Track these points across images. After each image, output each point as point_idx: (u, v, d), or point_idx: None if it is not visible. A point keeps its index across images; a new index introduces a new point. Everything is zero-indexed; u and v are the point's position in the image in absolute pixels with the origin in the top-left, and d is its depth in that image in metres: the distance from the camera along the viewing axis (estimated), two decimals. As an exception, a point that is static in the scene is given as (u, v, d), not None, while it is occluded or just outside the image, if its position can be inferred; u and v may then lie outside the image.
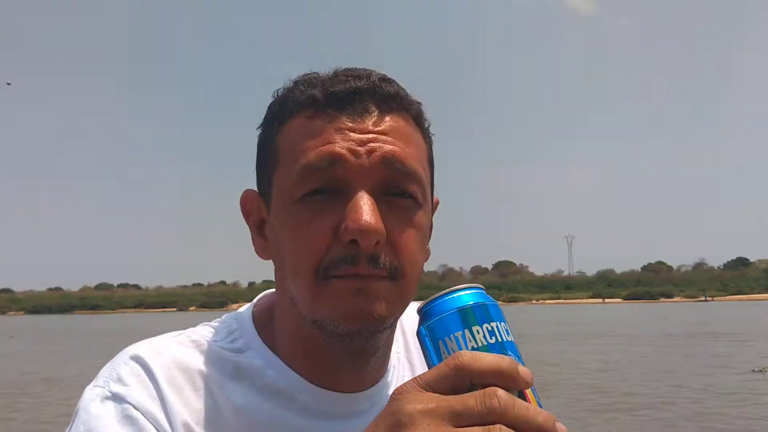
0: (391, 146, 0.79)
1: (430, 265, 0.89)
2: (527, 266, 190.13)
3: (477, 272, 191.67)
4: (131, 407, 0.77)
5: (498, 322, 0.63)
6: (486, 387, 0.56)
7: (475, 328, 0.62)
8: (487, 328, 0.62)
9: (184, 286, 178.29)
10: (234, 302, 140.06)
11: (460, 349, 0.61)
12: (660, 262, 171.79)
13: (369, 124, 0.80)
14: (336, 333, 0.79)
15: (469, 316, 0.62)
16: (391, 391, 0.87)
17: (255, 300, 0.96)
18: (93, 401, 0.77)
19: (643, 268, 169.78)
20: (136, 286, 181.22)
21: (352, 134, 0.79)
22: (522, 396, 0.58)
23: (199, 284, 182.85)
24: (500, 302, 0.75)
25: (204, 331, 0.89)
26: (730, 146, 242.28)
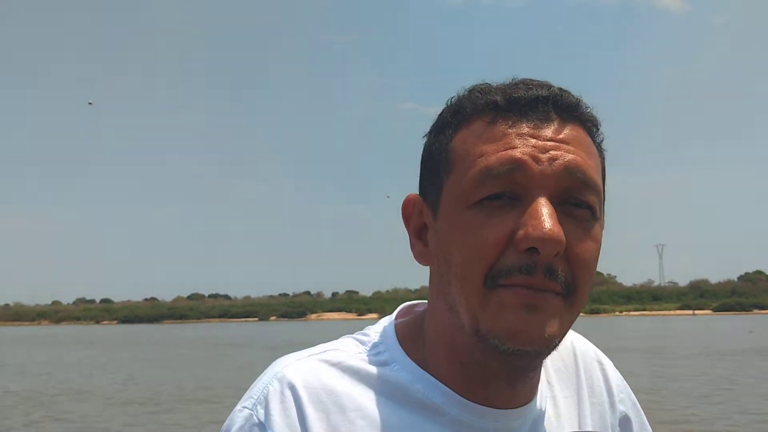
0: (573, 155, 0.77)
1: None
2: (615, 276, 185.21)
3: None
4: None
5: None
6: None
7: None
8: None
9: (270, 296, 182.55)
10: (313, 312, 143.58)
11: None
12: (759, 272, 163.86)
13: (550, 131, 0.78)
14: (499, 350, 0.75)
15: None
16: (537, 411, 0.87)
17: (395, 312, 0.94)
18: (241, 428, 0.79)
19: (740, 278, 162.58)
20: (226, 296, 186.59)
21: (533, 140, 0.77)
22: None
23: (285, 294, 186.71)
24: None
25: (348, 346, 0.87)
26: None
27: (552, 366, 0.94)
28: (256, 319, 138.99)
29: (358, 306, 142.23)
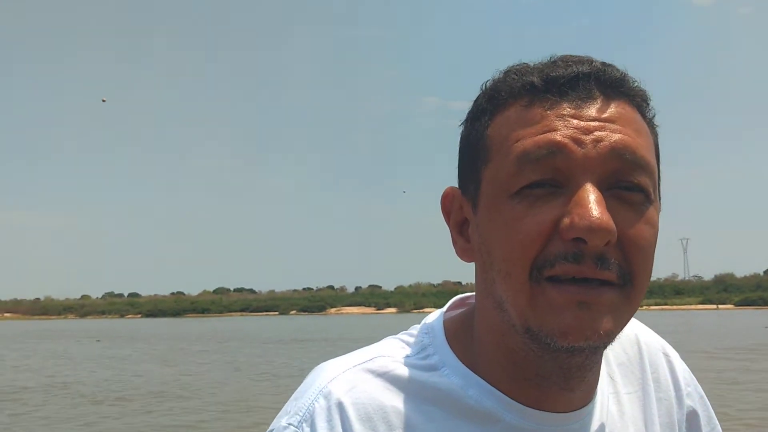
0: (620, 134, 0.71)
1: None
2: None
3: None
4: None
5: None
6: None
7: None
8: None
9: (294, 290, 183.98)
10: (332, 306, 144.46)
11: None
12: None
13: (593, 110, 0.72)
14: (552, 347, 0.71)
15: None
16: (597, 411, 0.82)
17: (446, 306, 0.89)
18: None
19: (766, 271, 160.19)
20: (251, 291, 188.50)
21: (575, 121, 0.71)
22: None
23: (309, 288, 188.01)
24: None
25: (394, 349, 0.82)
26: None
27: (615, 360, 0.89)
28: (277, 313, 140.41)
29: (378, 300, 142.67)
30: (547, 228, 0.69)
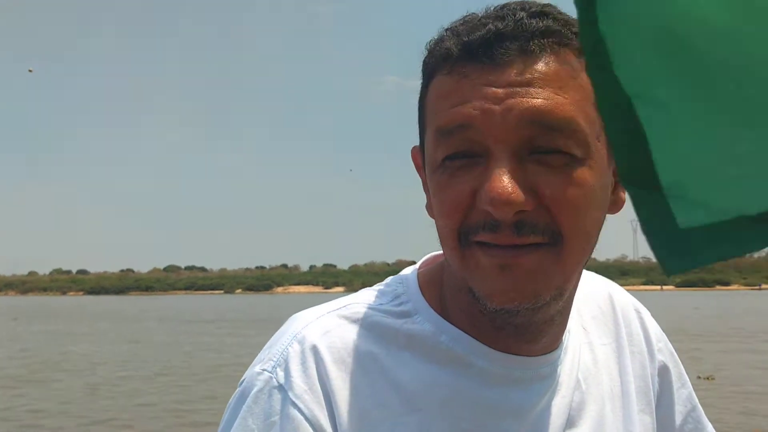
0: (533, 99, 0.69)
1: None
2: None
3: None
4: (293, 407, 0.74)
5: None
6: None
7: None
8: None
9: (246, 269, 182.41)
10: (279, 285, 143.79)
11: None
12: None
13: (511, 74, 0.70)
14: (488, 308, 0.73)
15: None
16: (568, 356, 0.84)
17: (419, 263, 0.90)
18: (261, 391, 0.75)
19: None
20: (202, 269, 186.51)
21: (488, 90, 0.70)
22: None
23: (262, 267, 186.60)
24: None
25: (368, 298, 0.84)
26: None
27: (588, 312, 0.91)
28: (222, 291, 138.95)
29: (327, 279, 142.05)
30: (465, 199, 0.71)
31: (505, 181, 0.68)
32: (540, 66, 0.70)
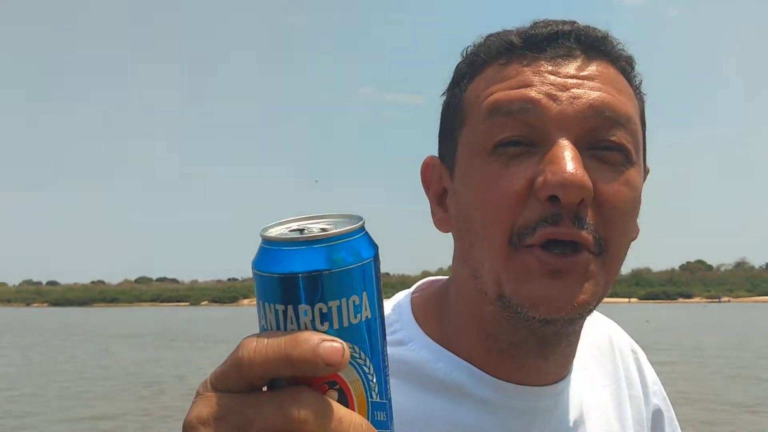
0: (599, 92, 0.69)
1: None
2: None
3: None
4: None
5: (343, 299, 0.44)
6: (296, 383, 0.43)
7: (301, 308, 0.43)
8: (322, 309, 0.43)
9: (218, 281, 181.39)
10: (246, 297, 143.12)
11: (277, 325, 0.44)
12: (700, 261, 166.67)
13: (572, 68, 0.70)
14: (524, 317, 0.68)
15: (291, 289, 0.43)
16: (572, 394, 0.80)
17: (414, 287, 0.87)
18: None
19: (681, 266, 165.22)
20: (174, 280, 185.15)
21: (552, 77, 0.69)
22: (343, 395, 0.44)
23: (234, 279, 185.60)
24: None
25: None
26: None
27: (588, 353, 0.88)
28: (188, 303, 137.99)
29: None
30: (522, 187, 0.67)
31: (574, 164, 0.65)
32: (601, 67, 0.71)
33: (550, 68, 0.70)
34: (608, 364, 0.90)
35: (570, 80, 0.69)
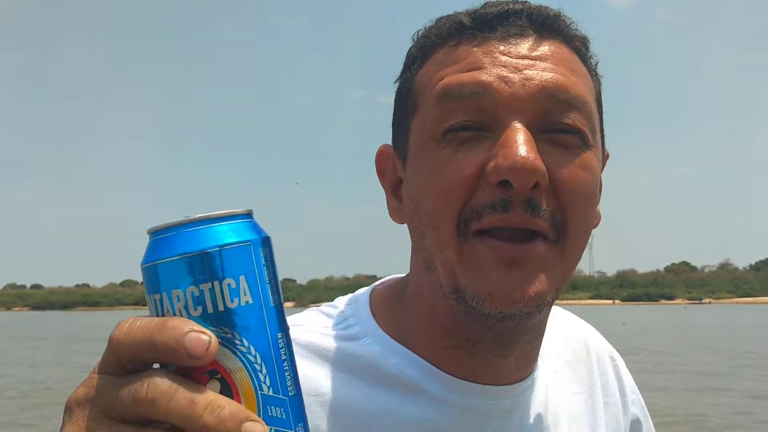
0: (552, 73, 0.67)
1: None
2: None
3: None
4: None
5: (215, 282, 0.44)
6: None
7: (174, 293, 0.44)
8: (194, 292, 0.43)
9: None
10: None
11: (163, 310, 0.44)
12: (684, 263, 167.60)
13: (524, 48, 0.68)
14: (478, 311, 0.66)
15: (163, 276, 0.44)
16: (537, 397, 0.77)
17: (378, 282, 0.85)
18: None
19: (666, 268, 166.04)
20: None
21: (503, 58, 0.67)
22: (226, 385, 0.44)
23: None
24: None
25: (313, 320, 0.78)
26: None
27: (563, 357, 0.86)
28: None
29: (291, 294, 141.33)
30: (472, 173, 0.65)
31: (527, 147, 0.62)
32: (554, 47, 0.69)
33: (501, 48, 0.67)
34: (583, 370, 0.87)
35: (522, 61, 0.67)
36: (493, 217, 0.64)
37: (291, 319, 0.75)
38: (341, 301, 0.81)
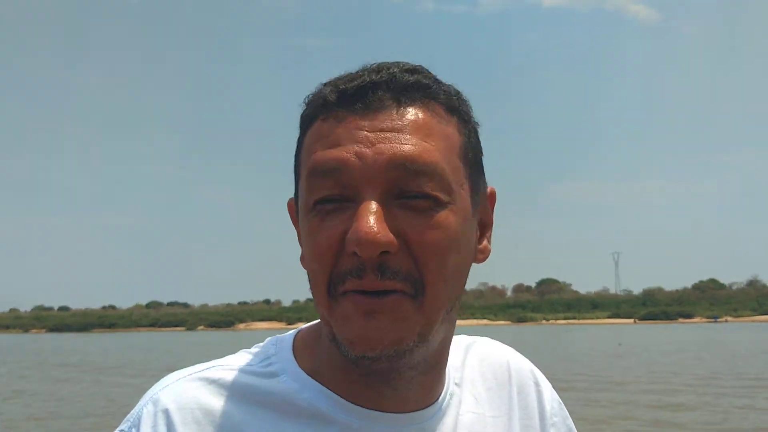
0: (402, 144, 0.72)
1: (469, 283, 0.81)
2: (570, 284, 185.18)
3: (519, 290, 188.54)
4: None
5: None
6: None
7: None
8: None
9: (228, 304, 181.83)
10: (241, 322, 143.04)
11: None
12: (712, 280, 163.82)
13: (383, 120, 0.73)
14: (349, 355, 0.73)
15: None
16: (447, 421, 0.83)
17: (305, 324, 0.90)
18: None
19: (694, 286, 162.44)
20: (185, 305, 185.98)
21: (362, 134, 0.73)
22: None
23: (244, 302, 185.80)
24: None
25: (237, 359, 0.84)
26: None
27: (483, 384, 0.91)
28: (184, 328, 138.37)
29: (291, 315, 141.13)
30: (336, 242, 0.72)
31: (371, 221, 0.69)
32: (410, 115, 0.74)
33: (360, 123, 0.73)
34: (504, 394, 0.92)
35: (377, 134, 0.72)
36: (352, 282, 0.71)
37: (221, 360, 0.84)
38: (269, 341, 0.86)
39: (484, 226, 0.83)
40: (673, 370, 23.59)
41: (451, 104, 0.78)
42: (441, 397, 0.84)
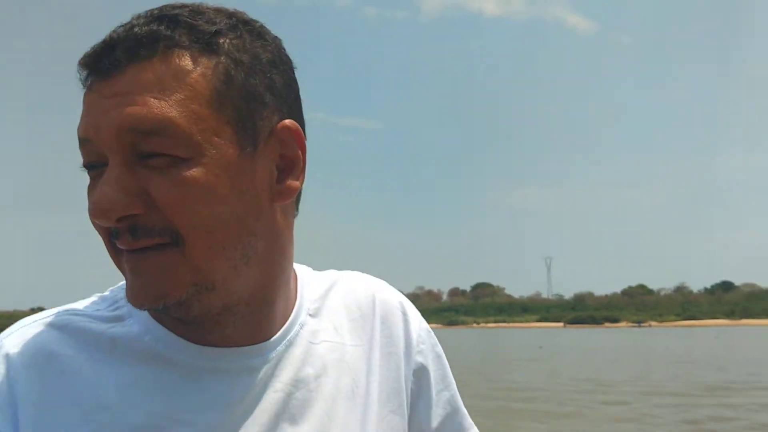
0: (130, 107, 0.70)
1: (406, 287, 1.10)
2: (504, 288, 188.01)
3: (454, 294, 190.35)
4: None
5: None
6: None
7: None
8: None
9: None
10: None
11: None
12: (641, 286, 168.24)
13: (117, 84, 0.71)
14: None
15: None
16: (296, 352, 0.86)
17: None
18: None
19: (623, 291, 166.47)
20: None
21: (100, 102, 0.71)
22: None
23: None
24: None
25: (85, 304, 0.84)
26: (737, 163, 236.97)
27: (347, 315, 0.94)
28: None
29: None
30: None
31: (104, 191, 0.70)
32: (143, 73, 0.71)
33: (99, 91, 0.72)
34: (367, 324, 0.94)
35: (112, 100, 0.71)
36: (118, 242, 0.72)
37: (70, 305, 0.83)
38: (122, 285, 0.85)
39: (290, 163, 0.80)
40: (576, 375, 23.77)
41: (205, 46, 0.73)
42: (285, 330, 0.85)
